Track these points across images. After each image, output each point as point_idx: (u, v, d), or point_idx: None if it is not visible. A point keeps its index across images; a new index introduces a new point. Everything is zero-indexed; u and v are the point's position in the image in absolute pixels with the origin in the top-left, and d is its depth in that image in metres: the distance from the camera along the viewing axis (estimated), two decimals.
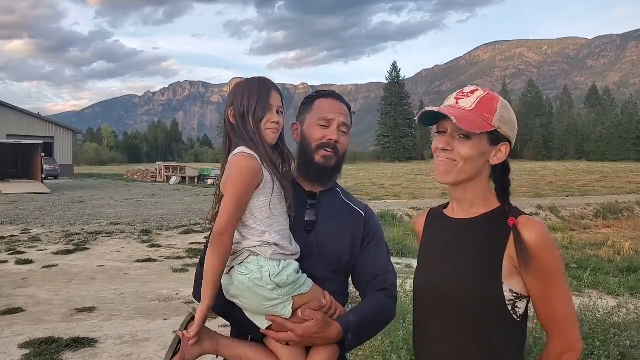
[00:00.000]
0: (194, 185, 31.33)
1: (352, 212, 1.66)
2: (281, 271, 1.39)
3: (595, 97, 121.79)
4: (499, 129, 1.27)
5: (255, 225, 1.42)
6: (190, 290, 6.53)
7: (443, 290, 1.29)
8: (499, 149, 1.29)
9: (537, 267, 1.21)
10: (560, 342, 1.25)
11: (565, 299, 1.25)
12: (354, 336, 1.47)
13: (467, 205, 1.34)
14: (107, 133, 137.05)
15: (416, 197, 24.25)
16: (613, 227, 17.47)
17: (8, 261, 8.45)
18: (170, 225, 12.87)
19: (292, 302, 1.40)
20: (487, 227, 1.28)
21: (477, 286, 1.24)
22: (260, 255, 1.40)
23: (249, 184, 1.40)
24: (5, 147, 30.52)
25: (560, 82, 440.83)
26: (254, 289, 1.39)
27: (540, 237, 1.21)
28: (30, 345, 4.56)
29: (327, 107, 1.62)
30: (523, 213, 1.28)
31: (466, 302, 1.25)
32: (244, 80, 1.54)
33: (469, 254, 1.27)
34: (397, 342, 3.69)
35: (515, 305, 1.24)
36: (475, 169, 1.29)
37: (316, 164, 1.59)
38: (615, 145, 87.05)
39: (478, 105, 1.28)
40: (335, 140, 1.59)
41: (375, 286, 1.58)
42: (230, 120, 1.49)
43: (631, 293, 6.90)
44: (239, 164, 1.40)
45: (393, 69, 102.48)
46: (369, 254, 1.62)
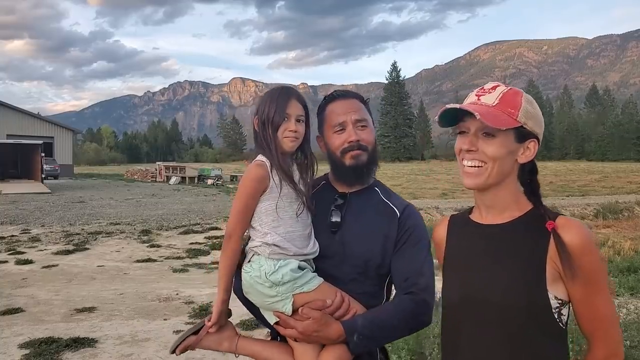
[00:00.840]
0: (193, 185, 31.34)
1: (387, 211, 1.61)
2: (276, 270, 1.46)
3: (595, 97, 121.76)
4: (525, 125, 1.20)
5: (259, 228, 1.52)
6: (190, 290, 6.52)
7: (483, 300, 1.21)
8: (527, 146, 1.22)
9: (580, 270, 1.14)
10: (604, 347, 1.19)
11: (608, 302, 1.19)
12: (362, 339, 1.43)
13: (497, 209, 1.26)
14: (107, 133, 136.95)
15: (416, 197, 24.22)
16: (613, 227, 17.45)
17: (8, 261, 8.45)
18: (170, 225, 12.87)
19: (293, 300, 1.46)
20: (524, 232, 1.20)
21: (523, 295, 1.16)
22: (260, 255, 1.50)
23: (254, 191, 1.50)
24: (5, 147, 30.53)
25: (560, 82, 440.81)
26: (255, 286, 1.49)
27: (582, 239, 1.14)
28: (30, 345, 4.56)
29: (337, 110, 1.62)
30: (559, 213, 1.21)
31: (512, 311, 1.17)
32: (271, 89, 1.60)
33: (510, 262, 1.20)
34: (397, 342, 3.69)
35: (561, 313, 1.19)
36: (504, 169, 1.21)
37: (348, 167, 1.59)
38: (616, 145, 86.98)
39: (501, 101, 1.21)
40: (355, 139, 1.58)
41: (403, 289, 1.52)
42: (255, 127, 1.57)
43: (631, 293, 6.88)
44: (248, 172, 1.52)
45: (393, 69, 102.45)
46: (403, 255, 1.55)
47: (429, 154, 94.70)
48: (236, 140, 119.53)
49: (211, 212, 15.92)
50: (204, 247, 9.94)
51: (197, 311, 5.63)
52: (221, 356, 4.33)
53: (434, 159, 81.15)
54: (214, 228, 12.56)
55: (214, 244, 10.26)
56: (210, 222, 13.48)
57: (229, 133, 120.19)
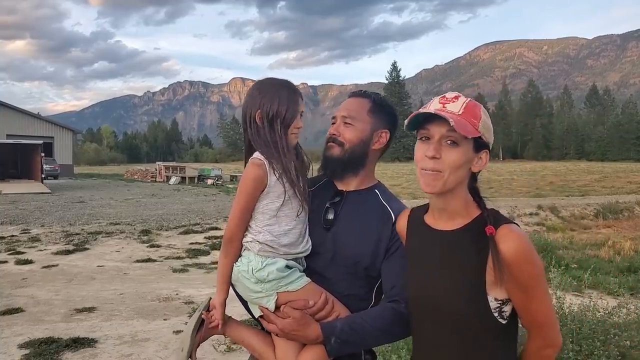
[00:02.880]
0: (193, 185, 31.32)
1: (383, 214, 1.57)
2: (263, 267, 1.48)
3: (595, 97, 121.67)
4: (482, 136, 1.26)
5: (254, 226, 1.52)
6: (190, 290, 6.50)
7: (433, 302, 1.30)
8: (480, 156, 1.28)
9: (514, 278, 1.20)
10: (540, 340, 1.28)
11: (545, 307, 1.25)
12: (340, 342, 1.43)
13: (447, 214, 1.32)
14: (107, 133, 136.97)
15: (416, 197, 24.20)
16: (613, 227, 17.45)
17: (8, 261, 8.45)
18: (170, 225, 12.87)
19: (277, 297, 1.48)
20: (469, 239, 1.27)
21: (463, 300, 1.24)
22: (250, 250, 1.52)
23: (252, 192, 1.50)
24: (5, 147, 30.52)
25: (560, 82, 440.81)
26: (242, 280, 1.52)
27: (517, 250, 1.19)
28: (30, 345, 4.56)
29: (341, 106, 1.67)
30: (505, 221, 1.25)
31: (455, 314, 1.26)
32: (271, 83, 1.55)
33: (454, 267, 1.27)
34: (397, 342, 3.69)
35: (502, 310, 1.26)
36: (460, 177, 1.27)
37: (324, 157, 1.64)
38: (616, 145, 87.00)
39: (465, 110, 1.25)
40: (332, 132, 1.62)
41: (388, 297, 1.51)
42: (256, 121, 1.51)
43: (631, 293, 6.88)
44: (247, 173, 1.51)
45: (393, 69, 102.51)
46: (392, 262, 1.52)
47: None
48: (236, 140, 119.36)
49: (211, 212, 15.91)
50: (203, 247, 9.94)
51: None
52: (221, 356, 4.34)
53: None
54: (214, 228, 12.56)
55: (214, 244, 10.26)
56: (210, 222, 13.48)
57: (229, 133, 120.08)
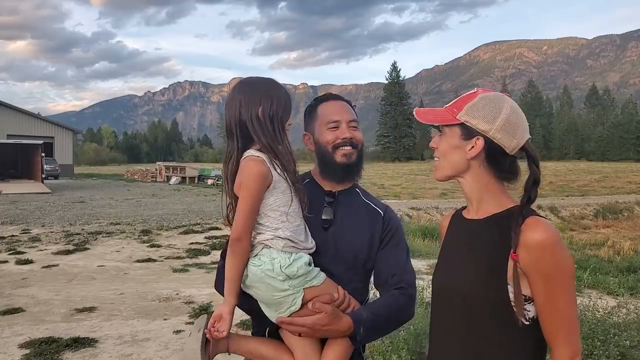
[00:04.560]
0: (194, 185, 31.33)
1: (371, 212, 1.70)
2: (292, 263, 1.45)
3: (595, 97, 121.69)
4: (467, 122, 1.29)
5: (268, 223, 1.49)
6: (190, 290, 6.50)
7: (452, 289, 1.32)
8: (473, 143, 1.30)
9: (537, 269, 1.18)
10: (567, 349, 1.20)
11: (570, 303, 1.21)
12: (366, 331, 1.49)
13: (474, 203, 1.35)
14: (107, 133, 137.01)
15: (416, 197, 24.24)
16: (613, 227, 17.47)
17: (8, 261, 8.45)
18: (170, 225, 12.87)
19: (303, 294, 1.45)
20: (495, 228, 1.28)
21: (481, 286, 1.24)
22: (272, 247, 1.47)
23: (260, 189, 1.47)
24: (6, 147, 30.53)
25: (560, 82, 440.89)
26: (266, 280, 1.45)
27: (543, 238, 1.18)
28: (30, 345, 4.56)
29: (331, 109, 1.68)
30: (535, 214, 1.25)
31: (471, 301, 1.26)
32: (263, 82, 1.57)
33: (475, 254, 1.29)
34: (397, 342, 3.70)
35: (524, 308, 1.21)
36: (454, 163, 1.33)
37: (338, 164, 1.64)
38: (615, 145, 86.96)
39: (456, 102, 1.34)
40: (349, 137, 1.64)
41: (392, 285, 1.61)
42: (259, 118, 1.50)
43: (631, 293, 6.89)
44: (250, 170, 1.46)
45: (393, 69, 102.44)
46: (387, 253, 1.65)
47: (429, 154, 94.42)
48: None
49: (211, 212, 15.91)
50: (204, 247, 9.94)
51: (197, 311, 5.64)
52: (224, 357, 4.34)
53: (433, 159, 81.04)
54: (214, 228, 12.56)
55: (214, 244, 10.27)
56: (210, 222, 13.48)
57: None
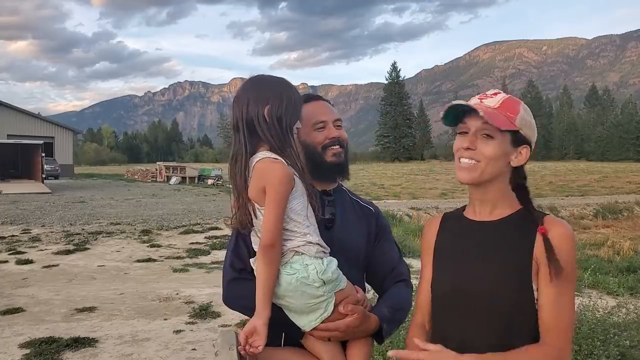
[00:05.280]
0: (194, 185, 31.31)
1: (363, 209, 1.74)
2: (326, 268, 1.42)
3: (595, 97, 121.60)
4: (520, 130, 1.29)
5: (296, 229, 1.43)
6: (190, 290, 6.48)
7: (476, 293, 1.28)
8: (520, 151, 1.31)
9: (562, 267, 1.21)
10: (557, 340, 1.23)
11: (572, 304, 1.25)
12: (388, 327, 1.54)
13: (489, 206, 1.35)
14: (107, 133, 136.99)
15: (416, 197, 24.24)
16: (613, 227, 17.49)
17: (8, 261, 8.46)
18: (170, 225, 12.87)
19: (335, 299, 1.43)
20: (513, 229, 1.30)
21: (514, 288, 1.25)
22: (304, 254, 1.42)
23: (288, 191, 1.42)
24: (6, 147, 30.52)
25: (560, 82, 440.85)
26: (301, 288, 1.40)
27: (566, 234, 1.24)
28: (30, 345, 4.57)
29: (315, 110, 1.66)
30: (546, 213, 1.31)
31: (501, 301, 1.25)
32: (273, 80, 1.52)
33: (500, 256, 1.28)
34: (396, 342, 3.70)
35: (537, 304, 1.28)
36: (497, 169, 1.30)
37: (329, 163, 1.64)
38: (615, 145, 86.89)
39: (502, 105, 1.30)
40: (337, 136, 1.65)
41: (394, 278, 1.68)
42: (265, 118, 1.45)
43: (631, 293, 6.89)
44: (276, 173, 1.39)
45: (393, 69, 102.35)
46: (382, 249, 1.71)
47: (429, 154, 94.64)
48: None
49: (211, 212, 15.91)
50: (204, 247, 9.94)
51: (198, 311, 5.64)
52: None
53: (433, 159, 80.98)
54: (214, 228, 12.56)
55: (214, 244, 10.27)
56: (211, 222, 13.49)
57: (229, 133, 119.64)
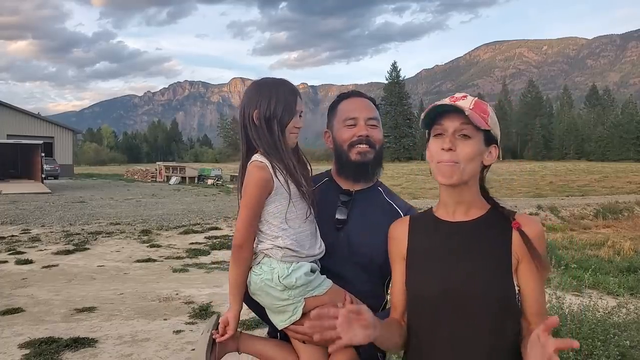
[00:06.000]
0: (193, 185, 31.32)
1: (392, 212, 1.63)
2: (290, 274, 1.43)
3: (595, 97, 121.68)
4: (491, 130, 1.33)
5: (269, 231, 1.47)
6: (190, 290, 6.48)
7: (464, 293, 1.28)
8: (490, 150, 1.34)
9: None
10: None
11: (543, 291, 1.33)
12: None
13: (465, 207, 1.36)
14: (107, 133, 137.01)
15: (416, 197, 24.21)
16: (613, 227, 17.46)
17: (8, 261, 8.45)
18: (170, 225, 12.87)
19: (304, 304, 1.43)
20: (491, 228, 1.33)
21: (497, 286, 1.28)
22: (272, 257, 1.45)
23: (261, 196, 1.45)
24: (5, 147, 30.50)
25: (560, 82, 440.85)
26: (266, 289, 1.45)
27: (539, 230, 1.31)
28: (30, 345, 4.56)
29: (350, 106, 1.66)
30: (515, 211, 1.37)
31: (490, 301, 1.27)
32: (267, 82, 1.52)
33: (480, 256, 1.30)
34: None
35: (518, 299, 1.32)
36: (475, 169, 1.32)
37: (353, 162, 1.61)
38: (615, 145, 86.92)
39: (475, 106, 1.32)
40: (365, 134, 1.61)
41: None
42: (254, 121, 1.47)
43: (631, 293, 6.88)
44: (251, 176, 1.45)
45: (393, 69, 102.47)
46: None
47: None
48: (236, 140, 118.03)
49: (211, 212, 15.91)
50: (204, 247, 9.94)
51: (197, 311, 5.64)
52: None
53: None
54: (214, 228, 12.56)
55: (214, 244, 10.27)
56: (210, 222, 13.48)
57: (229, 133, 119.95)
